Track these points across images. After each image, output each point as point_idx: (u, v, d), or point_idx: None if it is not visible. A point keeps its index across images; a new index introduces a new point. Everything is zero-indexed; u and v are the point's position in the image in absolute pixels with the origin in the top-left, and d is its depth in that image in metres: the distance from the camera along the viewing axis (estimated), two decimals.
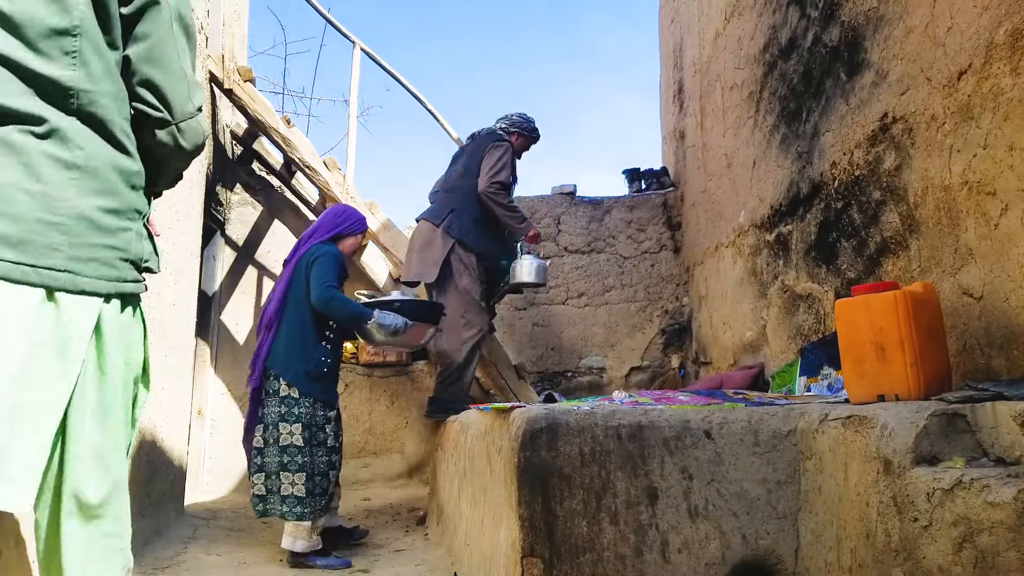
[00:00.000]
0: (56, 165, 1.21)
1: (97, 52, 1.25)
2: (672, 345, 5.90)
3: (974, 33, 2.18)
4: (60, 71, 1.21)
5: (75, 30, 1.22)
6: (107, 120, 1.27)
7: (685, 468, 2.02)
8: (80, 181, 1.23)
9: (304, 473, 3.45)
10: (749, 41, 4.20)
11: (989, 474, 1.33)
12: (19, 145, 1.17)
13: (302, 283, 3.59)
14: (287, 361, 3.52)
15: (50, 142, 1.21)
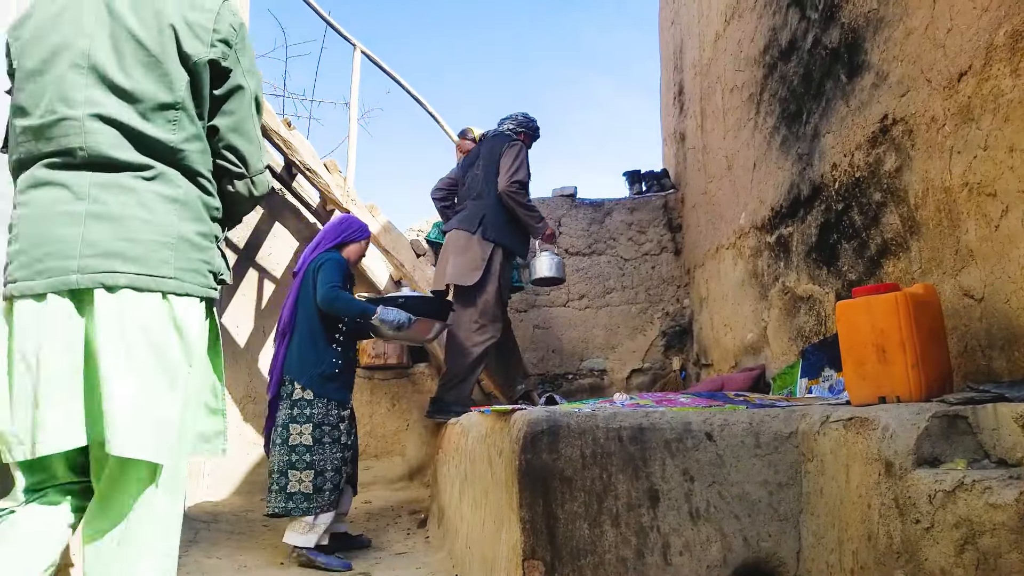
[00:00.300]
0: (162, 200, 1.61)
1: (191, 120, 1.66)
2: (673, 347, 5.90)
3: (974, 35, 2.19)
4: (164, 134, 1.62)
5: (177, 104, 1.64)
6: (195, 169, 1.68)
7: (686, 470, 2.02)
8: (180, 211, 1.64)
9: (312, 471, 3.54)
10: (749, 43, 4.20)
11: (991, 476, 1.33)
12: (134, 187, 1.59)
13: (310, 291, 3.75)
14: (301, 366, 3.66)
15: (156, 183, 1.62)
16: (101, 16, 1.62)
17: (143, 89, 1.60)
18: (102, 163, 1.58)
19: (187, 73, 1.65)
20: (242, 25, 1.74)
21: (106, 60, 1.60)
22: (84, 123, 1.57)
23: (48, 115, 1.59)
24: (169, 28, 1.63)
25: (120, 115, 1.58)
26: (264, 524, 4.45)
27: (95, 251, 1.54)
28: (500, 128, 4.76)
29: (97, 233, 1.54)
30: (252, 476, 5.64)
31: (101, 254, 1.54)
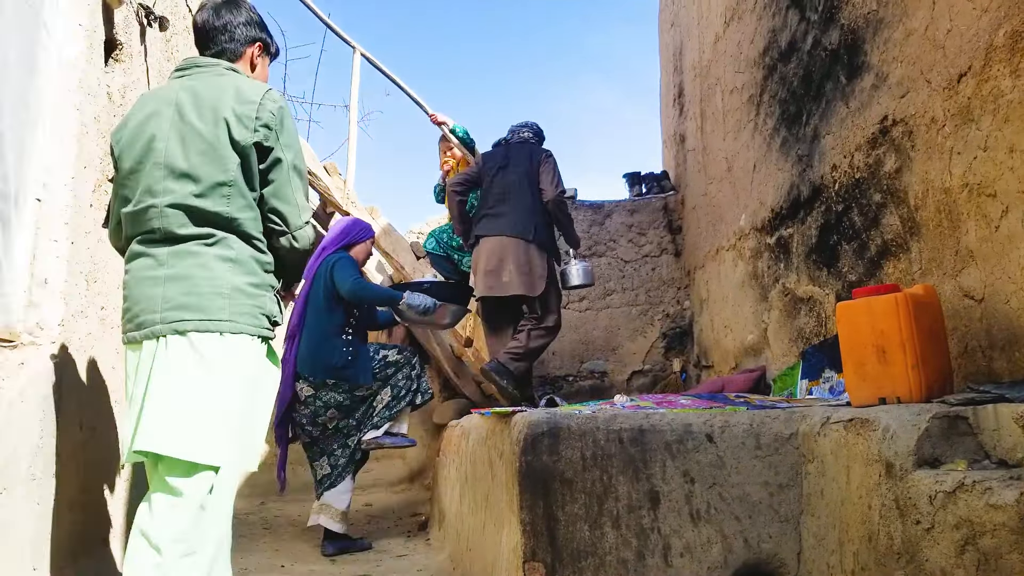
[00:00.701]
0: (219, 260, 2.02)
1: (242, 193, 2.05)
2: (673, 349, 5.89)
3: (973, 35, 2.19)
4: (220, 207, 2.03)
5: (230, 182, 2.03)
6: (248, 233, 2.08)
7: (687, 472, 2.01)
8: (234, 268, 2.03)
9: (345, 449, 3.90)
10: (749, 45, 4.21)
11: (991, 476, 1.33)
12: (198, 251, 2.02)
13: (319, 293, 3.91)
14: (314, 363, 3.82)
15: (216, 247, 2.03)
16: (174, 120, 2.07)
17: (202, 172, 2.02)
18: (174, 238, 2.03)
19: (237, 155, 2.04)
20: (281, 108, 2.12)
21: (175, 155, 2.04)
22: (162, 210, 2.03)
23: (140, 204, 2.06)
24: (223, 120, 2.03)
25: (186, 199, 2.02)
26: (264, 527, 4.45)
27: (170, 305, 1.99)
28: (520, 135, 4.77)
29: (172, 291, 2.00)
30: (253, 478, 5.63)
31: (174, 307, 1.99)
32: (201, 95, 2.07)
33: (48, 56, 2.47)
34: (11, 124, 2.25)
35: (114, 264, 3.02)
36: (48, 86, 2.47)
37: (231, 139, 2.02)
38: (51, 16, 2.48)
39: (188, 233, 2.02)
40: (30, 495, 2.32)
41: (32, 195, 2.38)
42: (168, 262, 2.02)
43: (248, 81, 2.16)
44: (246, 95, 2.07)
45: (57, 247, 2.48)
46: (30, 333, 2.34)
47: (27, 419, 2.29)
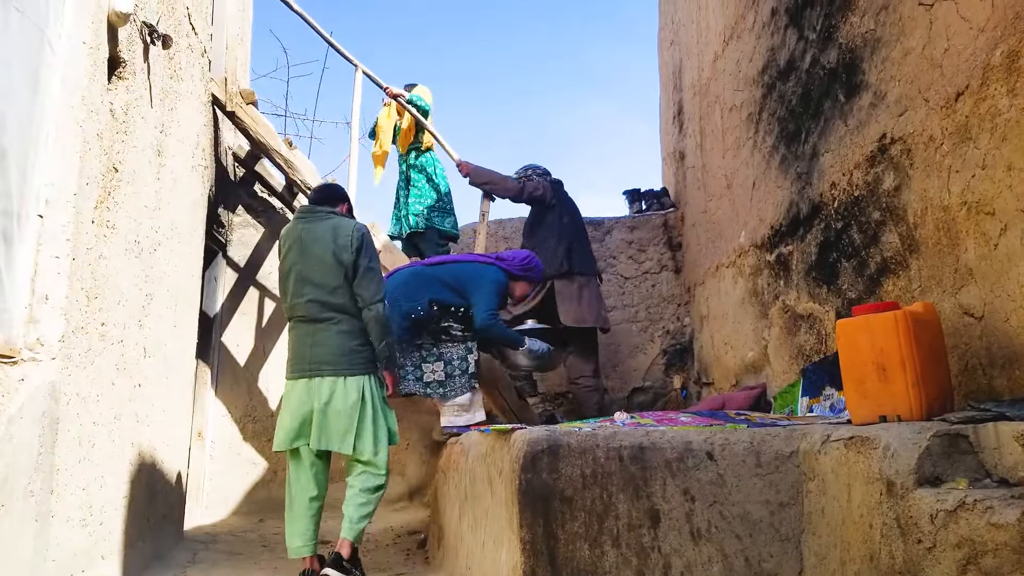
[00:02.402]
0: (340, 333, 3.27)
1: (347, 288, 3.30)
2: (674, 366, 5.88)
3: (971, 55, 2.20)
4: (338, 300, 3.28)
5: (341, 284, 3.29)
6: (352, 313, 3.30)
7: (687, 490, 2.01)
8: (348, 336, 3.28)
9: (442, 361, 3.99)
10: (748, 63, 4.23)
11: (992, 495, 1.33)
12: (327, 329, 3.27)
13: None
14: None
15: (338, 325, 3.28)
16: (304, 249, 3.34)
17: (326, 281, 3.30)
18: (316, 320, 3.30)
19: (343, 268, 3.29)
20: (362, 236, 3.34)
21: (309, 271, 3.32)
22: (306, 305, 3.32)
23: (292, 300, 3.36)
24: (332, 248, 3.29)
25: (319, 296, 3.30)
26: (263, 544, 4.42)
27: (315, 360, 3.28)
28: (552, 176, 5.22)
29: (316, 352, 3.28)
30: (251, 496, 5.61)
31: (317, 361, 3.27)
32: (315, 233, 3.35)
33: (52, 74, 2.49)
34: (15, 141, 2.27)
35: (115, 280, 3.03)
36: (51, 103, 2.49)
37: (338, 260, 3.28)
38: (55, 34, 2.50)
39: (322, 317, 3.30)
40: (28, 511, 2.31)
41: (34, 211, 2.39)
42: (312, 334, 3.31)
43: (344, 221, 3.42)
44: (342, 232, 3.33)
45: (58, 263, 2.49)
46: (30, 349, 2.34)
47: (26, 435, 2.29)
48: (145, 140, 3.39)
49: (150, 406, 3.61)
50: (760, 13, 4.03)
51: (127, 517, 3.26)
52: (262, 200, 6.02)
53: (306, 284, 3.29)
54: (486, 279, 4.03)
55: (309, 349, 3.27)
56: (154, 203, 3.57)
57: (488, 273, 4.07)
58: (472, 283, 4.03)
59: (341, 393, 3.22)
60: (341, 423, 3.20)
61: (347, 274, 3.27)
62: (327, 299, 3.27)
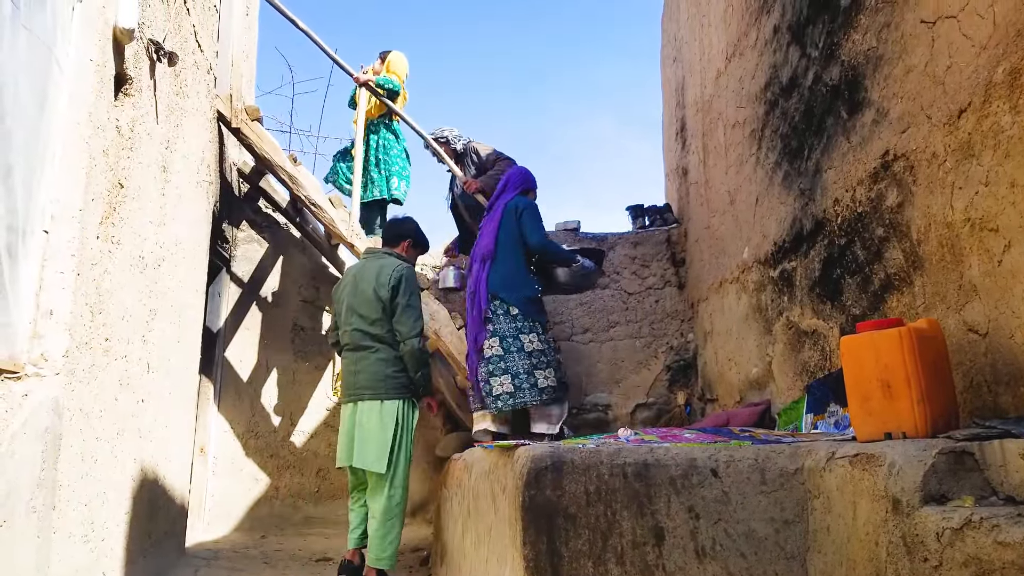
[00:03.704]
0: (379, 360, 3.77)
1: (386, 321, 3.79)
2: (678, 382, 5.86)
3: (973, 72, 2.21)
4: (378, 331, 3.80)
5: (382, 315, 3.79)
6: (390, 343, 3.79)
7: (692, 507, 2.00)
8: (385, 363, 3.76)
9: (552, 368, 4.17)
10: (750, 80, 4.25)
11: (999, 513, 1.32)
12: (368, 357, 3.78)
13: (513, 227, 4.35)
14: (510, 289, 4.25)
15: (377, 353, 3.79)
16: (355, 285, 3.87)
17: (368, 314, 3.78)
18: (359, 348, 3.79)
19: (382, 303, 3.74)
20: (401, 277, 3.79)
21: (356, 305, 3.83)
22: (351, 333, 3.82)
23: (341, 329, 3.91)
24: (374, 286, 3.76)
25: (361, 327, 3.80)
26: (265, 561, 4.40)
27: (359, 386, 3.75)
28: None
29: (359, 378, 3.75)
30: (253, 512, 5.59)
31: (360, 387, 3.74)
32: (366, 271, 3.89)
33: (59, 91, 2.51)
34: (21, 157, 2.28)
35: (119, 296, 3.04)
36: (58, 120, 2.50)
37: (379, 296, 3.75)
38: (62, 52, 2.52)
39: (364, 345, 3.78)
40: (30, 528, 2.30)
41: (39, 227, 2.40)
42: (356, 361, 3.78)
43: (390, 261, 3.90)
44: (384, 272, 3.80)
45: (63, 279, 2.50)
46: (34, 364, 2.34)
47: (29, 451, 2.29)
48: (150, 156, 3.41)
49: (153, 421, 3.61)
50: (762, 30, 4.05)
51: (129, 533, 3.25)
52: (266, 216, 6.04)
53: (353, 315, 3.82)
54: (526, 210, 4.40)
55: (353, 376, 3.76)
56: (159, 219, 3.59)
57: (520, 202, 4.43)
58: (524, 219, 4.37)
59: (377, 416, 3.64)
60: (375, 443, 3.59)
61: (385, 308, 3.72)
62: (368, 329, 3.76)
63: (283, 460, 5.71)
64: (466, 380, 5.19)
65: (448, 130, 5.73)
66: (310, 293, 5.98)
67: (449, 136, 5.70)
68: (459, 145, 5.66)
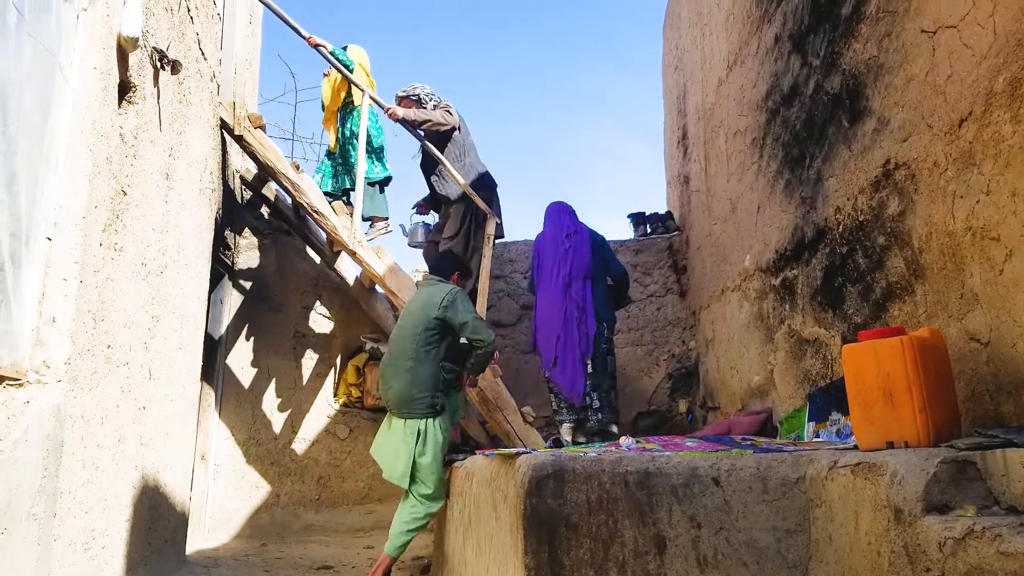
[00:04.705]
0: (406, 380, 3.89)
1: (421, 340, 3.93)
2: (679, 390, 5.86)
3: (973, 81, 2.22)
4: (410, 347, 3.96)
5: (421, 333, 3.93)
6: (418, 360, 3.93)
7: (693, 516, 1.99)
8: (411, 385, 3.89)
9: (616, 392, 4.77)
10: (752, 88, 4.26)
11: (1001, 523, 1.31)
12: (397, 374, 3.93)
13: (599, 253, 4.85)
14: (607, 312, 4.79)
15: (408, 371, 3.91)
16: (408, 306, 4.15)
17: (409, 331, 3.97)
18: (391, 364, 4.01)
19: (427, 322, 3.93)
20: (456, 296, 4.00)
21: (403, 324, 4.07)
22: (391, 344, 4.08)
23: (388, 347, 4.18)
24: (425, 307, 3.97)
25: (400, 342, 4.00)
26: (265, 569, 4.39)
27: (388, 401, 3.98)
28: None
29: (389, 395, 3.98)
30: (254, 520, 5.58)
31: (390, 401, 3.97)
32: (419, 296, 4.14)
33: (63, 98, 2.52)
34: (25, 164, 2.29)
35: (122, 303, 3.04)
36: (62, 127, 2.51)
37: (426, 315, 3.94)
38: (67, 59, 2.53)
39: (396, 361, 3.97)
40: (31, 535, 2.30)
41: (43, 234, 2.41)
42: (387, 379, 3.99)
43: (444, 286, 4.09)
44: (438, 294, 4.01)
45: (66, 286, 2.50)
46: (36, 371, 2.34)
47: (31, 458, 2.29)
48: (154, 164, 3.42)
49: (154, 429, 3.61)
50: (764, 39, 4.06)
51: (129, 541, 3.25)
52: (269, 223, 6.05)
53: (398, 331, 4.09)
54: (604, 243, 5.02)
55: (385, 392, 3.99)
56: (162, 226, 3.59)
57: (596, 235, 4.97)
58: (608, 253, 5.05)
59: (401, 433, 3.84)
60: (402, 460, 3.80)
61: (427, 328, 3.92)
62: (404, 346, 3.94)
63: (284, 467, 5.70)
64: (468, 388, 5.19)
65: (420, 87, 5.73)
66: (312, 300, 5.98)
67: (420, 94, 5.69)
68: (429, 104, 5.65)
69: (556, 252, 4.82)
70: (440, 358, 3.94)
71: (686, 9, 6.05)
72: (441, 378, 3.93)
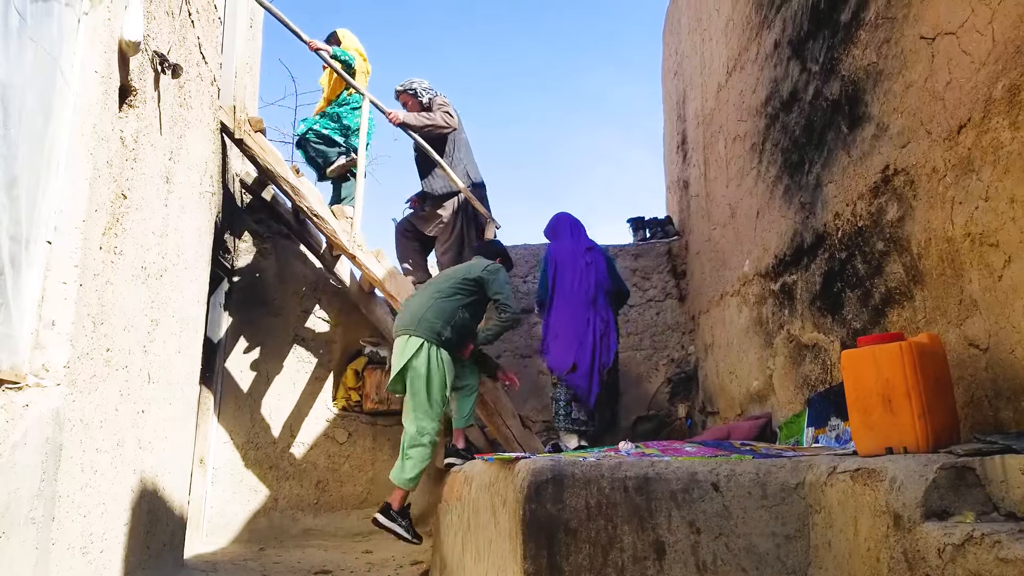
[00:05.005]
0: (428, 304, 4.25)
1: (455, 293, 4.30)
2: (678, 394, 5.86)
3: (972, 88, 2.22)
4: (445, 292, 4.31)
5: (455, 287, 4.32)
6: (456, 302, 4.27)
7: (693, 522, 1.99)
8: (430, 310, 4.18)
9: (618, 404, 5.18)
10: (751, 94, 4.27)
11: (1000, 529, 1.32)
12: (425, 296, 4.33)
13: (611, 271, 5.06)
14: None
15: (431, 299, 4.25)
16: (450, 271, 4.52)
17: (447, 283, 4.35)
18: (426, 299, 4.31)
19: (464, 281, 4.34)
20: (498, 268, 4.44)
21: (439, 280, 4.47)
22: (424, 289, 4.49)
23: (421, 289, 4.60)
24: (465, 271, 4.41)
25: (434, 288, 4.35)
26: (263, 574, 4.38)
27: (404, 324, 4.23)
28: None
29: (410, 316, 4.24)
30: (252, 524, 5.57)
31: (405, 324, 4.21)
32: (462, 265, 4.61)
33: (64, 101, 2.52)
34: (26, 168, 2.29)
35: (121, 306, 3.04)
36: (63, 131, 2.52)
37: (465, 276, 4.34)
38: (68, 63, 2.53)
39: (429, 298, 4.28)
40: (29, 539, 2.30)
41: (43, 237, 2.41)
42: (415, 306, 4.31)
43: (484, 262, 4.48)
44: (480, 263, 4.45)
45: (66, 289, 2.50)
46: (36, 375, 2.34)
47: (30, 462, 2.28)
48: (154, 167, 3.42)
49: (153, 432, 3.60)
50: (763, 45, 4.07)
51: (128, 545, 3.24)
52: (268, 226, 6.06)
53: (434, 280, 4.52)
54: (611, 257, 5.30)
55: (401, 316, 4.30)
56: (161, 229, 3.60)
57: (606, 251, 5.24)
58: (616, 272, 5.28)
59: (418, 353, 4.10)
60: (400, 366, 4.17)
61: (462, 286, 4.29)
62: (439, 289, 4.30)
63: (282, 471, 5.69)
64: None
65: (418, 82, 5.78)
66: (311, 304, 5.98)
67: (418, 88, 5.75)
68: (425, 98, 5.72)
69: (577, 264, 4.95)
70: (464, 306, 4.26)
71: (686, 15, 6.06)
72: (458, 317, 4.20)
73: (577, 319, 4.81)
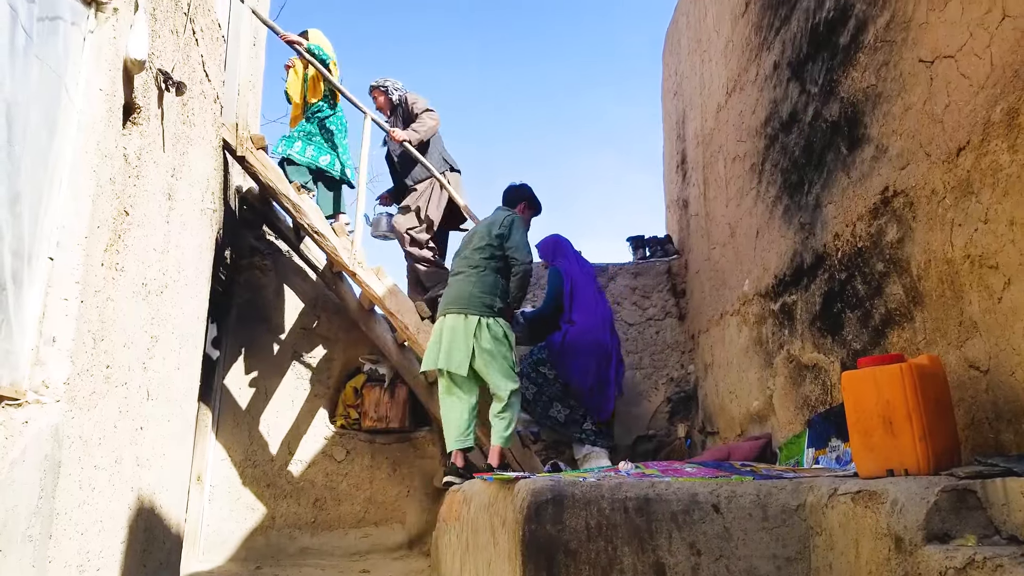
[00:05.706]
0: (471, 280, 4.41)
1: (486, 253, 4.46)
2: (678, 414, 5.84)
3: (971, 111, 2.24)
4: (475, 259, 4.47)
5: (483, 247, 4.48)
6: (493, 270, 4.44)
7: (693, 543, 1.98)
8: (475, 284, 4.37)
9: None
10: (751, 115, 4.30)
11: (1002, 553, 1.31)
12: (464, 273, 4.46)
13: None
14: None
15: (475, 276, 4.41)
16: (477, 232, 4.63)
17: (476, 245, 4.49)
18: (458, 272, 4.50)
19: (490, 239, 4.45)
20: (514, 220, 4.57)
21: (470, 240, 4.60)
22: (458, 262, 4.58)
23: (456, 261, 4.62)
24: (490, 228, 4.52)
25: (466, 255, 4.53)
26: None
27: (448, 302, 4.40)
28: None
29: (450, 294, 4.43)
30: (249, 542, 5.53)
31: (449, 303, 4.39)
32: (485, 220, 4.70)
33: (68, 119, 2.54)
34: (29, 184, 2.30)
35: (122, 323, 3.04)
36: (67, 148, 2.53)
37: (489, 233, 4.48)
38: (73, 81, 2.55)
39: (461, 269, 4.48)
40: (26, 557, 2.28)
41: (45, 253, 2.42)
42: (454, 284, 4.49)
43: (505, 213, 4.66)
44: (500, 218, 4.58)
45: (67, 306, 2.50)
46: (35, 391, 2.34)
47: (28, 479, 2.28)
48: (156, 184, 3.44)
49: (151, 449, 3.59)
50: (762, 66, 4.10)
51: (124, 563, 3.22)
52: (269, 243, 6.06)
53: (465, 248, 4.57)
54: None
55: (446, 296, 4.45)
56: (163, 246, 3.60)
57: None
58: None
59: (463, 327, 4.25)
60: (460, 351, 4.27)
61: (490, 245, 4.44)
62: (470, 257, 4.46)
63: (280, 489, 5.66)
64: None
65: (391, 81, 5.94)
66: (310, 321, 5.97)
67: (389, 87, 5.90)
68: (395, 96, 5.86)
69: (590, 288, 5.22)
70: (499, 271, 4.45)
71: (686, 36, 6.11)
72: (501, 285, 4.40)
73: (599, 343, 5.03)
